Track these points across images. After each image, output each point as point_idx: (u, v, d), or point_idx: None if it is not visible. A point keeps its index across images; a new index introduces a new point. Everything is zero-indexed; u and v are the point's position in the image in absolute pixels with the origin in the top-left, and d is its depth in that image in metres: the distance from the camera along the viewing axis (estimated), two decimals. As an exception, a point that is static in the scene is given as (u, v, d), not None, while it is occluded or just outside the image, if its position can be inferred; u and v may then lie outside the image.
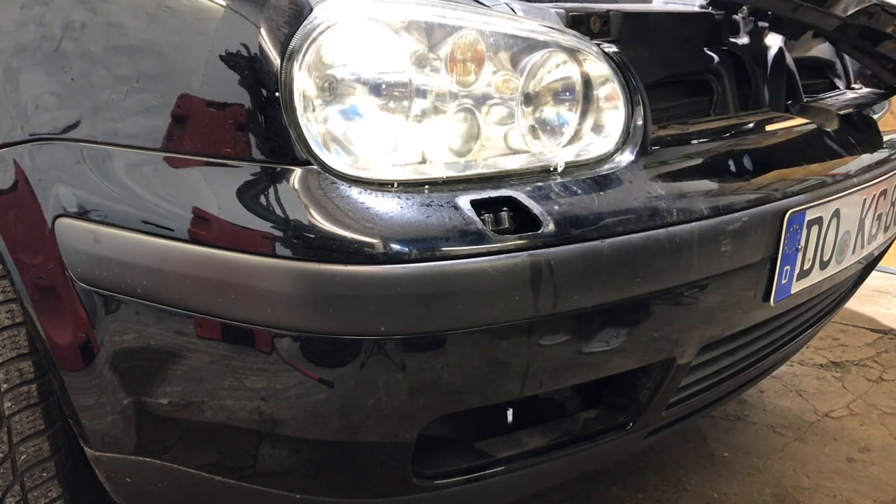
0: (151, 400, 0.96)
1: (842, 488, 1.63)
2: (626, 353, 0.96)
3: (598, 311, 0.90)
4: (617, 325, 0.93)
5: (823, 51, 1.68)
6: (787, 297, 1.13)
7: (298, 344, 0.83)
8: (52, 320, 1.00)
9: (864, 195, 1.25)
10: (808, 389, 2.07)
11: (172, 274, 0.87)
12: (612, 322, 0.92)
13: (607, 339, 0.93)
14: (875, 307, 2.68)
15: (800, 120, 1.33)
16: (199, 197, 0.85)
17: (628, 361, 0.97)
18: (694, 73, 1.30)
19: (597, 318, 0.91)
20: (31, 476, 1.12)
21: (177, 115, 0.87)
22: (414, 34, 0.87)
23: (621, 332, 0.94)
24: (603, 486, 1.61)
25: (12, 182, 1.00)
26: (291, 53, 0.82)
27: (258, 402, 0.89)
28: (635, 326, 0.95)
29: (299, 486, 0.96)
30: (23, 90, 1.00)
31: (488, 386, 0.89)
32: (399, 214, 0.81)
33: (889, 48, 1.31)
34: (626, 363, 0.97)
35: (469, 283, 0.81)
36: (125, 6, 0.93)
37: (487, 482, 1.00)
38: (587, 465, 1.24)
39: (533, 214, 0.85)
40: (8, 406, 1.08)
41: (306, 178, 0.82)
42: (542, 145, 0.95)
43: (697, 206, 0.96)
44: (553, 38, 0.96)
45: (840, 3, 1.18)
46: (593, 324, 0.91)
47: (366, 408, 0.86)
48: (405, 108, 0.87)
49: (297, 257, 0.80)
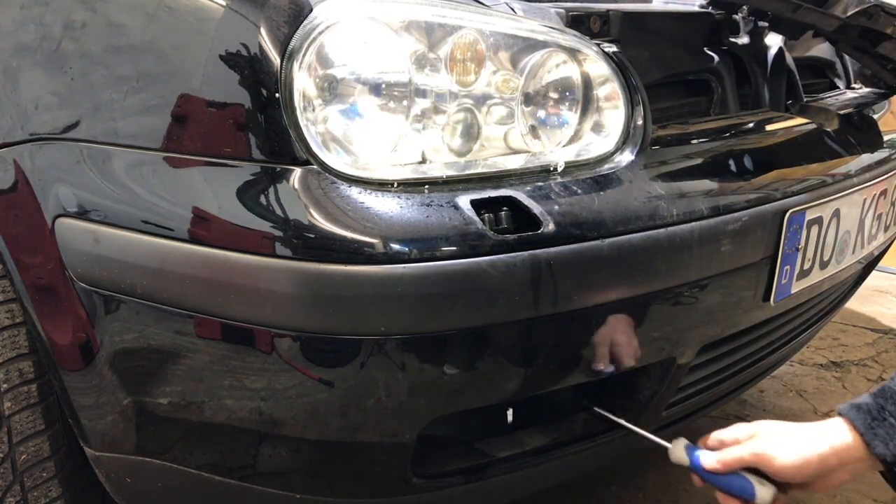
0: (151, 400, 0.96)
1: (842, 488, 1.63)
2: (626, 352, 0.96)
3: (598, 311, 0.90)
4: (617, 326, 0.93)
5: (823, 51, 1.68)
6: (787, 297, 1.13)
7: (298, 344, 0.83)
8: (52, 320, 1.00)
9: (864, 195, 1.25)
10: (808, 389, 2.07)
11: (172, 274, 0.87)
12: (611, 322, 0.92)
13: (607, 339, 0.93)
14: (875, 307, 2.68)
15: (800, 120, 1.33)
16: (199, 197, 0.85)
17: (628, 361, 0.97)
18: (694, 73, 1.30)
19: (597, 318, 0.91)
20: (31, 476, 1.12)
21: (177, 114, 0.87)
22: (414, 34, 0.87)
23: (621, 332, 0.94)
24: (603, 486, 1.61)
25: (12, 182, 1.00)
26: (291, 53, 0.82)
27: (258, 402, 0.89)
28: (635, 326, 0.95)
29: (299, 486, 0.96)
30: (23, 90, 1.00)
31: (488, 386, 0.89)
32: (399, 214, 0.81)
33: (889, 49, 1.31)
34: (626, 363, 0.97)
35: (469, 282, 0.81)
36: (125, 6, 0.93)
37: (487, 482, 1.00)
38: (587, 465, 1.24)
39: (533, 214, 0.85)
40: (8, 406, 1.08)
41: (306, 177, 0.82)
42: (542, 145, 0.95)
43: (697, 206, 0.96)
44: (553, 37, 0.96)
45: (840, 4, 1.18)
46: (593, 324, 0.91)
47: (366, 408, 0.86)
48: (405, 107, 0.87)
49: (297, 257, 0.80)
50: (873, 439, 0.86)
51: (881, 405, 0.88)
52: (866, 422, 0.88)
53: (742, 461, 0.92)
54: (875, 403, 0.89)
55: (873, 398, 0.89)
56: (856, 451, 0.88)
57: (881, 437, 0.86)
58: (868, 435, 0.87)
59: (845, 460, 0.89)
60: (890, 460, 0.86)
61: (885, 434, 0.86)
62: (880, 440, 0.86)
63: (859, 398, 0.91)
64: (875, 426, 0.87)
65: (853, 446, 0.88)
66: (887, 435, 0.86)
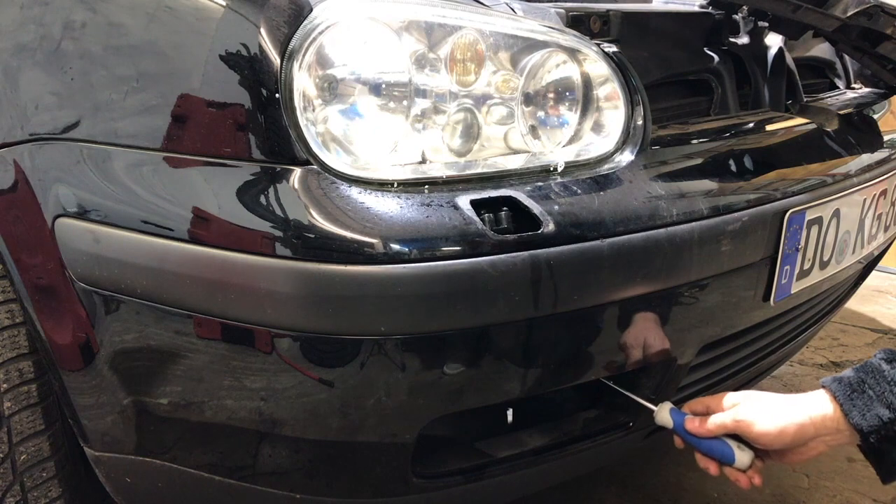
0: (151, 400, 0.96)
1: (842, 488, 1.63)
2: (627, 352, 0.96)
3: (598, 311, 0.90)
4: (617, 325, 0.93)
5: (823, 51, 1.68)
6: (786, 297, 1.13)
7: (298, 344, 0.83)
8: (52, 320, 1.00)
9: (864, 195, 1.25)
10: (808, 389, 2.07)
11: (172, 274, 0.87)
12: (611, 322, 0.92)
13: (607, 339, 0.93)
14: (875, 307, 2.68)
15: (800, 120, 1.33)
16: (199, 197, 0.85)
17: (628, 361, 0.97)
18: (694, 73, 1.30)
19: (597, 318, 0.91)
20: (31, 476, 1.12)
21: (177, 114, 0.87)
22: (414, 34, 0.87)
23: (621, 332, 0.94)
24: (603, 486, 1.61)
25: (12, 182, 1.00)
26: (291, 53, 0.82)
27: (258, 402, 0.89)
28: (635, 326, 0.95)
29: (299, 486, 0.96)
30: (23, 90, 1.00)
31: (488, 386, 0.89)
32: (399, 214, 0.81)
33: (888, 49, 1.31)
34: (626, 363, 0.97)
35: (469, 283, 0.81)
36: (125, 6, 0.93)
37: (487, 482, 1.00)
38: (587, 465, 1.24)
39: (533, 214, 0.85)
40: (8, 406, 1.08)
41: (306, 177, 0.82)
42: (542, 145, 0.95)
43: (697, 206, 0.96)
44: (553, 37, 0.96)
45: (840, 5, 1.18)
46: (593, 324, 0.91)
47: (366, 408, 0.86)
48: (405, 107, 0.87)
49: (296, 257, 0.80)
50: (851, 409, 0.89)
51: (862, 378, 0.91)
52: (846, 393, 0.91)
53: (724, 427, 0.96)
54: (856, 377, 0.91)
55: (855, 372, 0.92)
56: (832, 422, 0.91)
57: (858, 408, 0.89)
58: (847, 405, 0.90)
59: (821, 431, 0.92)
60: (866, 430, 0.88)
61: (864, 405, 0.89)
62: (858, 410, 0.89)
63: (843, 372, 0.94)
64: (854, 397, 0.90)
65: (831, 417, 0.91)
66: (865, 406, 0.89)
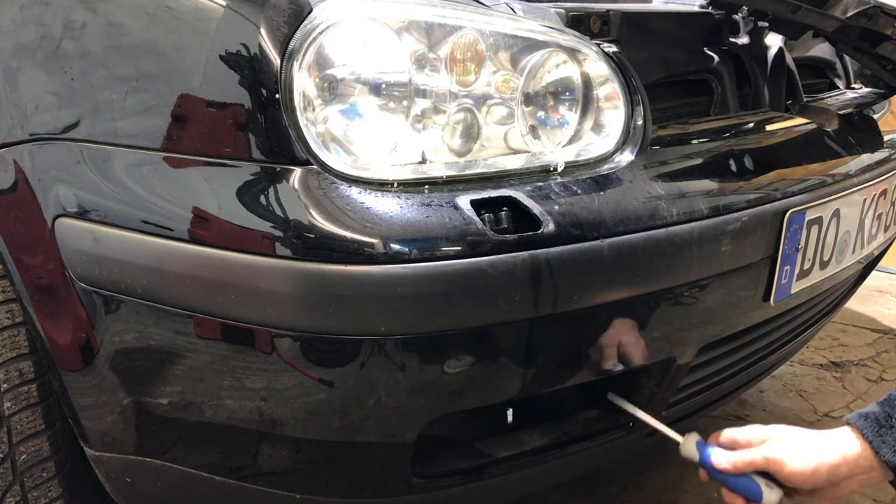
0: (151, 400, 0.96)
1: (842, 488, 1.62)
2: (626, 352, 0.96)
3: (598, 311, 0.90)
4: (617, 326, 0.93)
5: (823, 51, 1.68)
6: (787, 297, 1.13)
7: (298, 344, 0.83)
8: (52, 320, 1.00)
9: (864, 195, 1.25)
10: (808, 389, 2.07)
11: (172, 274, 0.87)
12: (611, 322, 0.92)
13: (607, 339, 0.93)
14: (875, 307, 2.68)
15: (800, 120, 1.33)
16: (199, 197, 0.85)
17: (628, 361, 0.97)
18: (694, 73, 1.30)
19: (597, 319, 0.91)
20: (31, 476, 1.12)
21: (177, 114, 0.87)
22: (414, 34, 0.87)
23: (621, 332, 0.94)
24: (603, 486, 1.61)
25: (12, 182, 1.00)
26: (291, 53, 0.82)
27: (258, 402, 0.89)
28: (635, 326, 0.95)
29: (299, 486, 0.96)
30: (23, 90, 1.00)
31: (488, 386, 0.89)
32: (399, 214, 0.81)
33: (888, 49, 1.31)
34: (626, 363, 0.97)
35: (469, 283, 0.81)
36: (125, 6, 0.93)
37: (487, 482, 1.00)
38: (587, 465, 1.24)
39: (533, 214, 0.85)
40: (8, 406, 1.08)
41: (306, 177, 0.82)
42: (542, 145, 0.95)
43: (697, 206, 0.96)
44: (553, 37, 0.96)
45: (839, 5, 1.18)
46: (593, 324, 0.91)
47: (366, 408, 0.86)
48: (405, 107, 0.87)
49: (296, 257, 0.80)
50: (882, 447, 0.86)
51: (888, 413, 0.87)
52: (874, 430, 0.87)
53: (753, 464, 0.93)
54: (882, 412, 0.88)
55: (880, 406, 0.89)
56: (865, 460, 0.88)
57: (889, 444, 0.86)
58: (876, 443, 0.86)
59: (855, 470, 0.88)
60: None
61: (894, 441, 0.86)
62: (888, 447, 0.86)
63: (866, 407, 0.90)
64: (883, 434, 0.86)
65: (863, 455, 0.88)
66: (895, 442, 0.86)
